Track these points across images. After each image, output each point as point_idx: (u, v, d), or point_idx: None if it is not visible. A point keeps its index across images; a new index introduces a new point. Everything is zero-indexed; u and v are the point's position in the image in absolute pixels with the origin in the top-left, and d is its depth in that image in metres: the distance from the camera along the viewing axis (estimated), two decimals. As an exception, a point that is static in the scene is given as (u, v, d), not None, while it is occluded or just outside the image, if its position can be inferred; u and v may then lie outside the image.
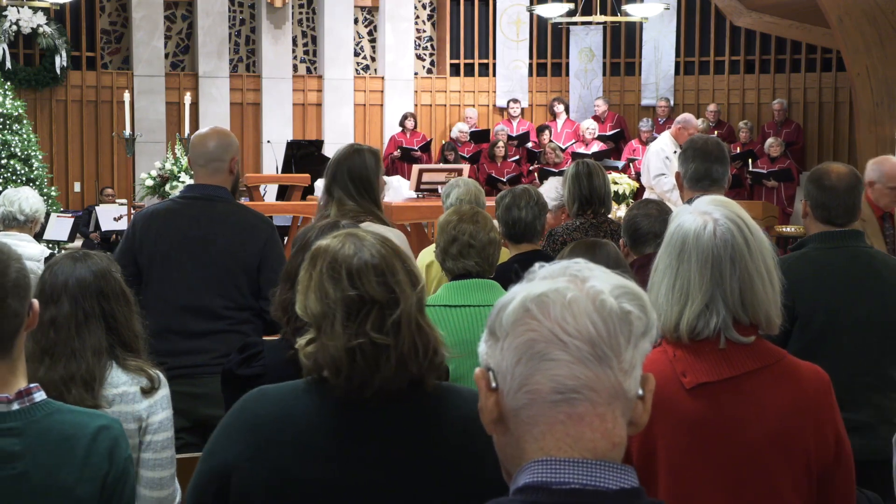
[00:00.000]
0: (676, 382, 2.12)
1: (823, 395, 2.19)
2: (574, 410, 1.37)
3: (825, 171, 3.68)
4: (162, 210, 4.28)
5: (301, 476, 1.97)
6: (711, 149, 4.17)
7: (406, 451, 2.00)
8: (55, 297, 2.87)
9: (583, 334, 1.37)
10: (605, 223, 4.93)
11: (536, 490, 1.37)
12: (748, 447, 2.11)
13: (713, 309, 2.12)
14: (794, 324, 3.48)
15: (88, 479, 2.05)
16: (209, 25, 14.86)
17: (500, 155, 14.22)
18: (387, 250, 2.07)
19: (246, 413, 2.04)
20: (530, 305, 1.39)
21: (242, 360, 2.72)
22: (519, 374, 1.39)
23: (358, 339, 1.98)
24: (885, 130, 11.80)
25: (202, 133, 4.35)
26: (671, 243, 2.19)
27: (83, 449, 2.06)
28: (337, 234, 2.13)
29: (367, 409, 2.00)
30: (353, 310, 2.01)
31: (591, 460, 1.38)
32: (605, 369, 1.37)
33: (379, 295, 2.01)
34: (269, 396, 2.05)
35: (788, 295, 3.49)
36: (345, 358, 1.99)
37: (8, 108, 12.31)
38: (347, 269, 2.03)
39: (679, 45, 15.94)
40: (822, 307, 3.48)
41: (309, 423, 2.00)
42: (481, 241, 3.62)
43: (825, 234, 3.62)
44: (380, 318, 2.00)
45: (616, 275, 1.43)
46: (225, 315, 4.07)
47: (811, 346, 3.44)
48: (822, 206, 3.63)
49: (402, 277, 2.04)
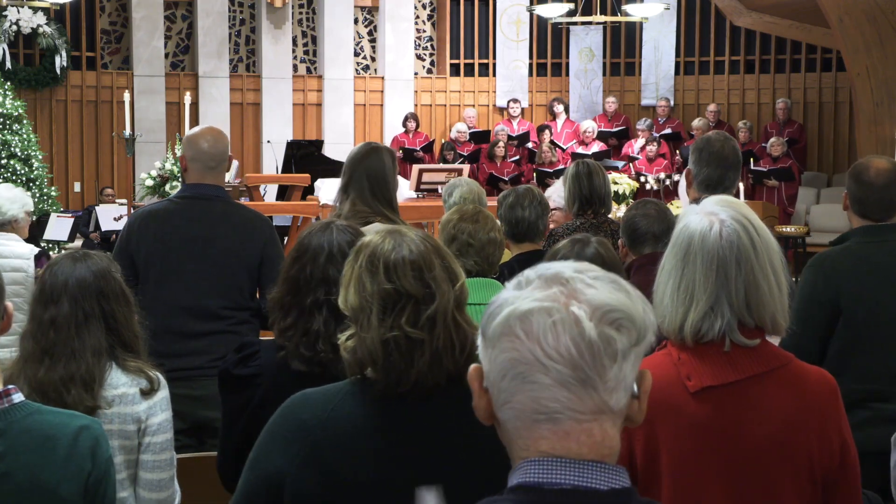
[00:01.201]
0: (681, 386, 2.11)
1: (829, 400, 2.17)
2: (559, 428, 1.38)
3: (865, 166, 3.71)
4: (159, 211, 4.24)
5: (351, 478, 1.99)
6: (728, 154, 4.04)
7: (448, 448, 2.01)
8: (55, 298, 2.87)
9: (564, 358, 1.36)
10: (605, 223, 4.93)
11: (529, 490, 1.38)
12: (752, 451, 2.10)
13: (718, 311, 2.11)
14: (839, 318, 3.51)
15: (71, 478, 2.05)
16: (209, 25, 14.86)
17: (500, 155, 14.21)
18: (426, 247, 2.09)
19: (291, 418, 2.05)
20: (514, 323, 1.38)
21: (239, 360, 2.73)
22: (504, 390, 1.40)
23: (392, 332, 2.01)
24: (885, 130, 11.79)
25: (201, 133, 4.26)
26: (677, 244, 2.17)
27: (65, 448, 2.06)
28: (380, 230, 2.16)
29: (408, 407, 2.02)
30: (388, 303, 2.04)
31: (583, 461, 1.38)
32: (588, 391, 1.37)
33: (414, 289, 2.04)
34: (313, 399, 2.06)
35: (832, 289, 3.54)
36: (380, 350, 2.01)
37: (8, 108, 12.31)
38: (385, 263, 2.06)
39: (679, 45, 15.93)
40: (865, 301, 3.51)
41: (354, 425, 2.01)
42: (480, 241, 3.62)
43: (867, 228, 3.65)
44: (415, 313, 2.03)
45: (607, 282, 1.41)
46: (224, 315, 4.07)
47: (855, 339, 3.48)
48: (859, 200, 3.67)
49: (439, 273, 2.07)
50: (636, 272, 3.86)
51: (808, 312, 3.52)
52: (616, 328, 1.38)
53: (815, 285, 3.57)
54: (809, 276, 3.61)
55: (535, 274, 1.43)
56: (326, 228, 2.71)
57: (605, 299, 1.39)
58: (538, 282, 1.41)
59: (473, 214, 3.69)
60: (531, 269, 1.45)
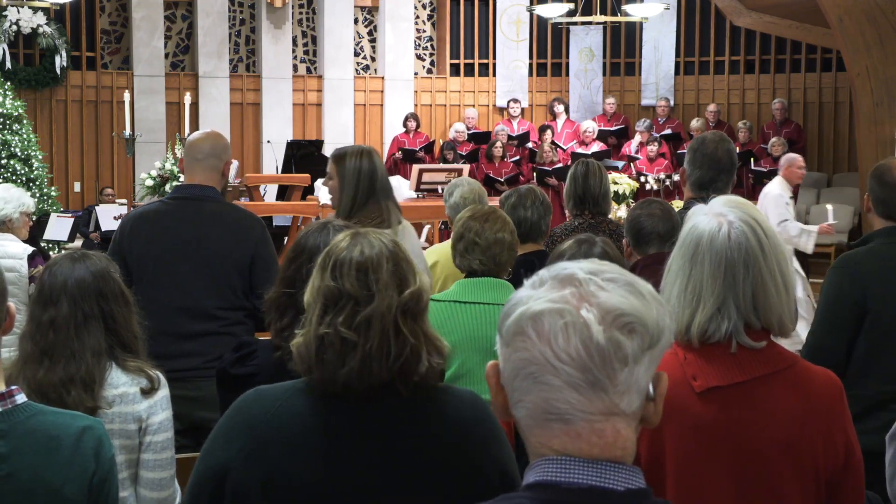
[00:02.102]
0: (686, 386, 2.10)
1: (835, 401, 2.16)
2: (571, 428, 1.38)
3: (887, 168, 3.73)
4: (151, 212, 4.26)
5: (294, 476, 1.98)
6: (721, 156, 4.12)
7: (392, 452, 2.00)
8: (54, 298, 2.86)
9: (574, 361, 1.36)
10: (603, 223, 4.93)
11: (546, 488, 1.38)
12: (757, 452, 2.10)
13: (725, 313, 2.10)
14: (865, 319, 3.51)
15: (75, 478, 2.05)
16: (209, 25, 14.86)
17: (498, 155, 14.20)
18: (381, 251, 2.07)
19: (242, 413, 2.05)
20: (526, 324, 1.38)
21: (236, 360, 2.73)
22: (517, 389, 1.40)
23: (327, 330, 2.00)
24: (885, 130, 11.78)
25: (199, 134, 4.40)
26: (685, 244, 2.16)
27: (68, 449, 2.05)
28: (350, 231, 2.16)
29: (349, 409, 2.00)
30: (330, 301, 2.03)
31: (599, 461, 1.38)
32: (598, 393, 1.37)
33: (354, 290, 2.03)
34: (265, 396, 2.06)
35: (858, 290, 3.54)
36: (314, 347, 2.01)
37: (8, 108, 12.31)
38: (333, 261, 2.06)
39: (679, 45, 15.94)
40: (891, 302, 3.52)
41: (302, 424, 2.00)
42: (486, 240, 3.62)
43: (890, 229, 3.66)
44: (352, 314, 2.02)
45: (621, 285, 1.41)
46: (218, 316, 4.07)
47: (881, 341, 3.50)
48: (882, 202, 3.69)
49: (385, 277, 2.04)
50: (640, 272, 3.83)
51: (834, 313, 3.53)
52: (627, 332, 1.37)
53: (840, 286, 3.57)
54: (835, 278, 3.61)
55: (549, 274, 1.43)
56: (323, 229, 2.71)
57: (616, 303, 1.38)
58: (552, 282, 1.41)
59: (485, 214, 3.70)
60: (546, 269, 1.44)
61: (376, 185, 4.21)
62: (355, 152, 4.27)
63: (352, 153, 4.26)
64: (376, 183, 4.21)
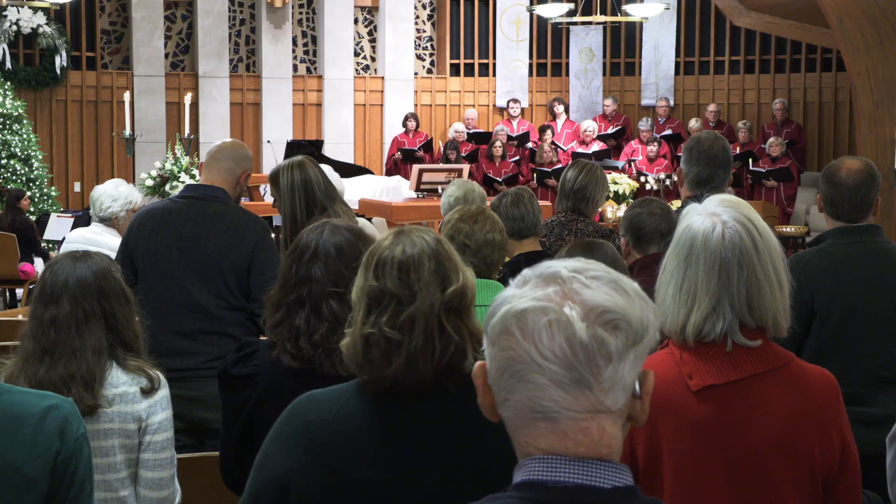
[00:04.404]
0: (683, 385, 2.11)
1: (830, 399, 2.17)
2: (556, 427, 1.39)
3: (836, 167, 3.69)
4: (158, 209, 4.28)
5: (354, 477, 1.99)
6: (717, 153, 4.15)
7: (445, 447, 2.01)
8: (55, 297, 2.87)
9: (559, 358, 1.37)
10: (572, 222, 4.88)
11: (533, 487, 1.39)
12: (753, 450, 2.10)
13: (720, 313, 2.11)
14: (813, 319, 3.50)
15: (37, 457, 2.02)
16: (209, 25, 14.86)
17: (498, 155, 14.20)
18: (423, 248, 2.09)
19: (296, 419, 2.05)
20: (511, 322, 1.39)
21: (238, 360, 2.73)
22: (503, 388, 1.41)
23: (371, 330, 2.03)
24: (885, 130, 11.78)
25: (225, 140, 4.50)
26: (679, 245, 2.17)
27: (31, 428, 2.03)
28: (395, 229, 2.17)
29: (400, 407, 2.02)
30: (374, 301, 2.06)
31: (586, 459, 1.39)
32: (583, 391, 1.38)
33: (396, 289, 2.05)
34: (318, 400, 2.07)
35: (806, 291, 3.50)
36: (360, 348, 2.03)
37: (8, 108, 12.31)
38: (377, 260, 2.08)
39: (679, 45, 15.94)
40: (839, 303, 3.50)
41: (357, 424, 2.02)
42: (477, 242, 3.60)
43: (842, 230, 3.63)
44: (396, 313, 2.04)
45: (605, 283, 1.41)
46: (218, 315, 4.07)
47: (829, 341, 3.47)
48: (831, 202, 3.65)
49: (427, 276, 2.06)
50: (639, 272, 3.85)
51: None
52: (611, 329, 1.38)
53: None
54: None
55: (533, 273, 1.43)
56: (319, 228, 2.71)
57: (600, 300, 1.39)
58: (536, 281, 1.42)
59: (473, 215, 3.67)
60: (531, 268, 1.45)
61: (315, 193, 4.23)
62: (286, 167, 4.30)
63: (283, 169, 4.30)
64: (314, 191, 4.23)
